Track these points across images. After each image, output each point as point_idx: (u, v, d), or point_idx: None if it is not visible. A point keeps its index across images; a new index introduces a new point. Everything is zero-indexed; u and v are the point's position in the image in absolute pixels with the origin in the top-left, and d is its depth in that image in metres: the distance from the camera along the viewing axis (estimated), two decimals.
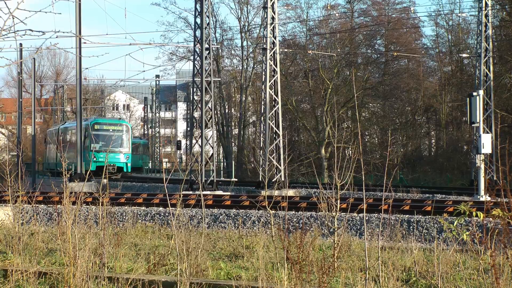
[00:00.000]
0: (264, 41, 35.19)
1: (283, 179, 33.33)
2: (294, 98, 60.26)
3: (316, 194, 23.02)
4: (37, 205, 23.10)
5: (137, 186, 44.14)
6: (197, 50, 32.30)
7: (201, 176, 30.60)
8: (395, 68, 63.30)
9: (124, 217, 22.28)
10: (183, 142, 66.12)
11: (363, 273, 10.46)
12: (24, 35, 5.91)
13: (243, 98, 62.32)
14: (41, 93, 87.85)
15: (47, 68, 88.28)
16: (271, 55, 34.00)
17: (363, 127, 58.92)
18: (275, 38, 34.22)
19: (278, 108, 34.28)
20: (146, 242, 16.21)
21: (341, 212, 15.85)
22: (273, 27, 34.11)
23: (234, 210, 23.74)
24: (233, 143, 66.41)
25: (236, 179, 46.52)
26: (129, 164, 51.65)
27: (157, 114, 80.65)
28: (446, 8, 61.37)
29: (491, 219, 7.52)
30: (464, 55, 52.58)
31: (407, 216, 20.25)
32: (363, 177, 11.46)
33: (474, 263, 12.22)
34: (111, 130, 50.82)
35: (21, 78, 54.83)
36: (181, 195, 15.71)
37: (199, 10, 31.79)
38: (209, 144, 34.77)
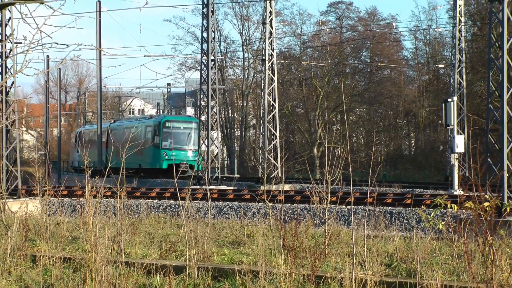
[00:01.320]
0: (263, 53, 35.21)
1: (280, 175, 33.31)
2: (289, 104, 60.39)
3: (309, 188, 23.01)
4: (62, 198, 23.07)
5: (151, 181, 44.02)
6: (204, 61, 32.28)
7: (208, 172, 30.57)
8: (379, 77, 63.39)
9: (139, 208, 22.28)
10: None
11: (350, 259, 10.45)
12: (50, 47, 5.91)
13: (245, 104, 62.35)
14: (66, 99, 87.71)
15: (71, 77, 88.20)
16: (269, 65, 34.00)
17: (350, 129, 58.88)
18: (272, 51, 34.22)
19: (275, 112, 34.28)
20: (158, 231, 16.21)
21: (331, 204, 15.86)
22: (271, 41, 34.11)
23: (237, 202, 23.72)
24: (235, 144, 66.35)
25: (238, 175, 46.47)
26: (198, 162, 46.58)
27: None
28: (424, 24, 61.51)
29: (464, 210, 7.51)
30: (440, 65, 52.50)
31: (389, 208, 20.25)
32: (351, 174, 11.46)
33: (449, 249, 12.22)
34: (181, 128, 44.55)
35: (48, 86, 54.84)
36: (190, 190, 15.70)
37: (205, 26, 31.78)
38: (215, 144, 34.88)
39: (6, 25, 21.53)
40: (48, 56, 41.48)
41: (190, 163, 42.06)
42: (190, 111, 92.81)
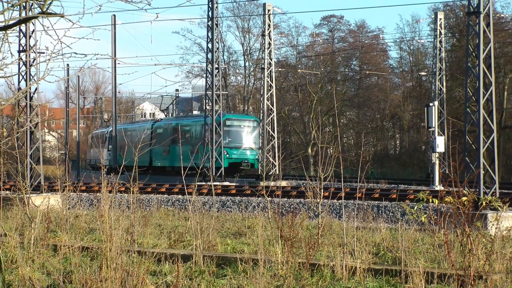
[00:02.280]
0: (263, 62, 35.19)
1: (277, 172, 33.30)
2: (286, 108, 60.33)
3: (304, 184, 23.00)
4: (80, 193, 23.09)
5: (161, 178, 43.90)
6: (209, 69, 32.27)
7: (212, 170, 30.56)
8: (367, 84, 63.37)
9: (150, 203, 22.27)
10: None
11: (341, 248, 10.46)
12: (70, 57, 5.91)
13: (246, 108, 62.28)
14: (84, 103, 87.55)
15: (88, 83, 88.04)
16: (268, 73, 33.99)
17: (341, 131, 58.89)
18: (271, 60, 34.22)
19: (273, 115, 34.27)
20: (168, 223, 16.20)
21: (324, 199, 15.85)
22: (270, 51, 34.10)
23: (238, 197, 23.71)
24: None
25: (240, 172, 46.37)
26: (258, 161, 40.18)
27: None
28: (408, 36, 61.49)
29: (444, 204, 7.50)
30: (422, 73, 52.58)
31: (377, 202, 20.24)
32: (342, 171, 11.47)
33: (430, 239, 12.22)
34: (242, 126, 39.67)
35: (68, 91, 54.88)
36: (196, 185, 15.69)
37: (210, 37, 31.77)
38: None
39: (30, 36, 21.54)
40: (68, 65, 41.43)
41: (251, 162, 38.48)
42: (196, 114, 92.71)
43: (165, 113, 76.68)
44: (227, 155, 37.23)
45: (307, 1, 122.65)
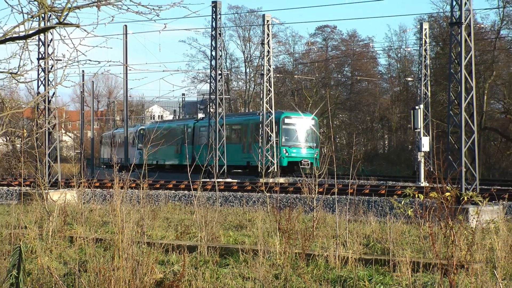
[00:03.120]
0: (262, 68, 35.16)
1: (276, 170, 33.26)
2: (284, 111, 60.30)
3: (300, 181, 23.02)
4: (94, 189, 23.07)
5: (169, 175, 43.70)
6: (212, 75, 32.26)
7: (216, 167, 30.55)
8: (358, 88, 63.42)
9: (159, 198, 22.27)
10: None
11: (335, 239, 10.46)
12: (85, 64, 5.91)
13: (246, 110, 62.26)
14: (98, 106, 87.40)
15: (102, 88, 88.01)
16: (267, 79, 33.96)
17: (334, 132, 58.86)
18: (270, 66, 34.19)
19: (272, 117, 34.23)
20: (175, 216, 16.21)
21: (319, 194, 15.84)
22: (269, 58, 34.08)
23: (240, 193, 23.72)
24: None
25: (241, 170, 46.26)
26: (318, 160, 35.39)
27: None
28: (396, 44, 61.49)
29: (429, 199, 7.50)
30: (409, 79, 52.47)
31: (367, 197, 20.25)
32: (335, 169, 11.46)
33: (416, 232, 12.22)
34: (300, 124, 36.14)
35: (83, 95, 54.81)
36: (201, 182, 15.69)
37: (214, 46, 31.76)
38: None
39: (48, 45, 21.53)
40: (83, 71, 41.54)
41: (311, 160, 34.69)
42: (201, 116, 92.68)
43: (174, 116, 76.46)
44: (286, 154, 34.32)
45: (303, 12, 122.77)
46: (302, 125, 36.31)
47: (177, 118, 74.96)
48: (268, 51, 33.95)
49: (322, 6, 64.16)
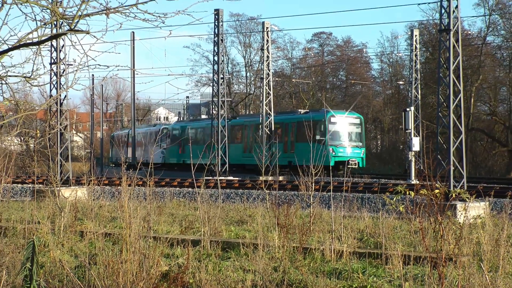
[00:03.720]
0: (262, 72, 35.15)
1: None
2: None
3: (298, 179, 22.98)
4: (103, 186, 23.06)
5: (174, 174, 43.43)
6: (215, 79, 32.26)
7: (218, 166, 30.55)
8: (353, 91, 63.39)
9: (164, 194, 22.27)
10: None
11: (330, 234, 10.45)
12: (94, 68, 5.91)
13: (247, 112, 62.26)
14: (107, 108, 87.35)
15: (111, 91, 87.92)
16: (266, 82, 33.96)
17: None
18: (269, 71, 34.19)
19: (271, 119, 34.22)
20: (179, 212, 16.20)
21: (315, 191, 15.84)
22: (268, 63, 34.07)
23: (241, 190, 23.72)
24: None
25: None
26: (364, 159, 33.75)
27: None
28: (388, 50, 61.48)
29: (419, 196, 7.50)
30: (400, 82, 52.57)
31: (361, 194, 20.25)
32: (330, 167, 11.45)
33: (407, 226, 12.22)
34: (347, 123, 33.59)
35: (92, 98, 54.83)
36: (204, 180, 15.68)
37: (216, 51, 31.76)
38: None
39: (60, 50, 21.54)
40: (92, 75, 41.33)
41: (358, 160, 32.49)
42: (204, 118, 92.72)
43: (178, 117, 76.23)
44: (333, 153, 31.51)
45: (300, 20, 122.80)
46: (348, 124, 33.73)
47: (181, 119, 74.42)
48: (268, 56, 33.94)
49: (319, 13, 64.40)
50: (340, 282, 8.04)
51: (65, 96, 23.29)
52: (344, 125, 33.36)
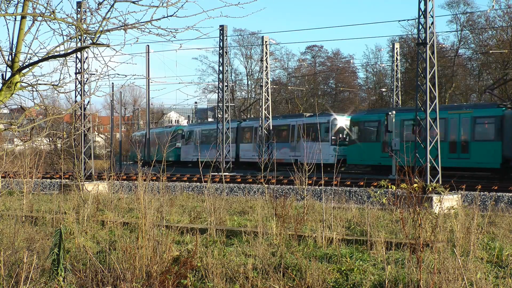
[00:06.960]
0: (261, 81, 35.13)
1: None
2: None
3: (293, 174, 22.92)
4: (122, 181, 23.08)
5: (184, 170, 43.39)
6: (220, 86, 32.26)
7: (223, 163, 30.52)
8: (341, 98, 63.38)
9: (175, 188, 22.27)
10: None
11: (322, 223, 10.45)
12: (114, 77, 5.91)
13: (248, 116, 62.25)
14: (125, 113, 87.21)
15: (128, 97, 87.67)
16: (265, 89, 33.94)
17: None
18: (267, 79, 34.16)
19: (269, 122, 34.19)
20: (188, 204, 16.19)
21: (308, 185, 15.85)
22: (267, 73, 34.05)
23: (243, 184, 23.69)
24: None
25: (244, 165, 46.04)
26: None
27: None
28: (372, 61, 61.44)
29: (400, 190, 7.50)
30: (383, 89, 52.56)
31: (348, 188, 20.24)
32: (322, 165, 11.45)
33: (389, 216, 12.22)
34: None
35: (112, 103, 54.70)
36: (210, 175, 15.67)
37: (221, 62, 31.76)
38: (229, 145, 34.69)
39: (84, 61, 21.55)
40: (112, 83, 41.52)
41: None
42: (211, 121, 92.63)
43: (188, 120, 76.01)
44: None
45: (295, 34, 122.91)
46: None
47: (191, 122, 74.31)
48: (266, 67, 33.93)
49: (311, 29, 64.33)
50: (330, 265, 8.04)
51: (88, 101, 23.31)
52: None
